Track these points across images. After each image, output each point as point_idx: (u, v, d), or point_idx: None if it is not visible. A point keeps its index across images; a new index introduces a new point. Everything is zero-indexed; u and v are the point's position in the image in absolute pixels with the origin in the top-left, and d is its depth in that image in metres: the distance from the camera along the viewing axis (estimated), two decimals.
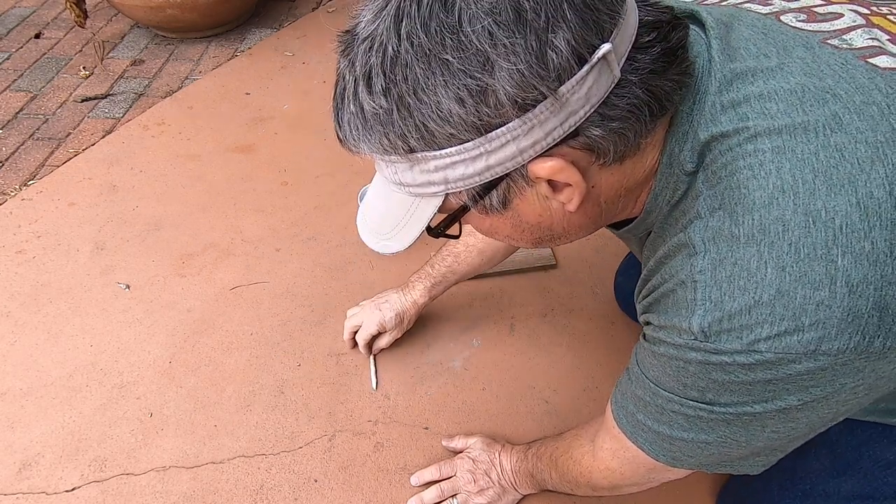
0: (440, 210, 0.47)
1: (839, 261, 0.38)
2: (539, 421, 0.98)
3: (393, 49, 0.37)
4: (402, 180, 0.45)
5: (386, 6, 0.38)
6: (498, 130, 0.39)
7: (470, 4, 0.36)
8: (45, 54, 1.90)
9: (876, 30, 0.47)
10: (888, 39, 0.46)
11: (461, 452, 0.90)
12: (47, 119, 1.64)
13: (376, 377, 1.03)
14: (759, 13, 0.50)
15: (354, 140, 0.43)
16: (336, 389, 1.03)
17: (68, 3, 1.73)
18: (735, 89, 0.43)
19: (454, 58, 0.36)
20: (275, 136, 1.57)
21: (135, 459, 0.93)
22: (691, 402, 0.48)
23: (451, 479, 0.87)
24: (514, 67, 0.36)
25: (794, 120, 0.41)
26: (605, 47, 0.37)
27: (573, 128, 0.40)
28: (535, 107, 0.38)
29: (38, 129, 1.60)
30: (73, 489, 0.90)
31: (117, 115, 1.65)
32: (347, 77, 0.41)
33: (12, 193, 1.40)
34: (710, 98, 0.44)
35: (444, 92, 0.37)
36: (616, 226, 0.57)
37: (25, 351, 1.08)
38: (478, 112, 0.38)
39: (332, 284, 1.20)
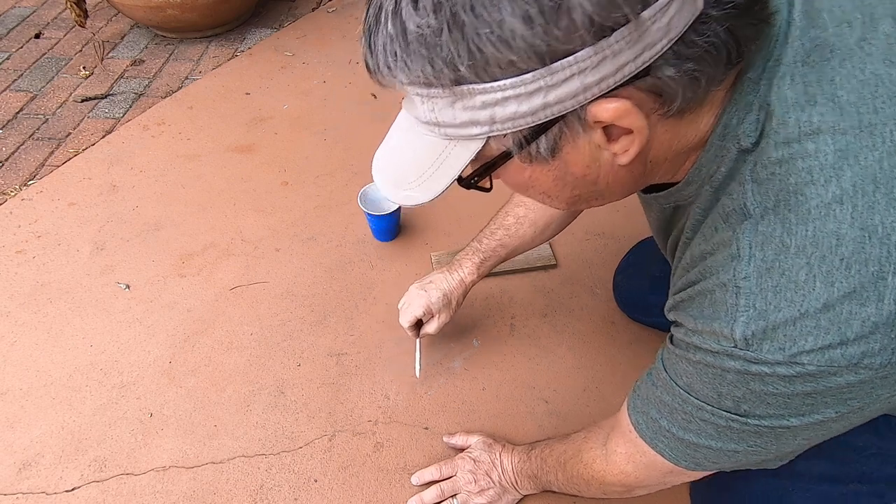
0: (478, 158, 0.42)
1: (890, 278, 0.37)
2: (539, 421, 0.98)
3: None
4: (440, 119, 0.39)
5: None
6: (564, 60, 0.34)
7: None
8: (45, 54, 1.90)
9: None
10: None
11: (462, 451, 0.90)
12: (47, 119, 1.64)
13: (420, 363, 1.02)
14: None
15: (390, 69, 0.37)
16: (336, 389, 1.03)
17: (69, 3, 1.73)
18: (809, 65, 0.40)
19: None
20: (275, 136, 1.57)
21: (135, 459, 0.93)
22: (724, 413, 0.46)
23: (452, 478, 0.87)
24: None
25: (863, 120, 0.38)
26: None
27: (646, 64, 0.36)
28: (612, 33, 0.33)
29: (38, 129, 1.60)
30: (73, 489, 0.90)
31: (117, 115, 1.65)
32: None
33: (12, 193, 1.40)
34: (782, 69, 0.40)
35: (509, 7, 0.32)
36: (647, 190, 0.54)
37: (25, 351, 1.08)
38: (546, 35, 0.33)
39: (332, 284, 1.20)
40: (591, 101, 0.37)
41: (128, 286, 1.19)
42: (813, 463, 0.67)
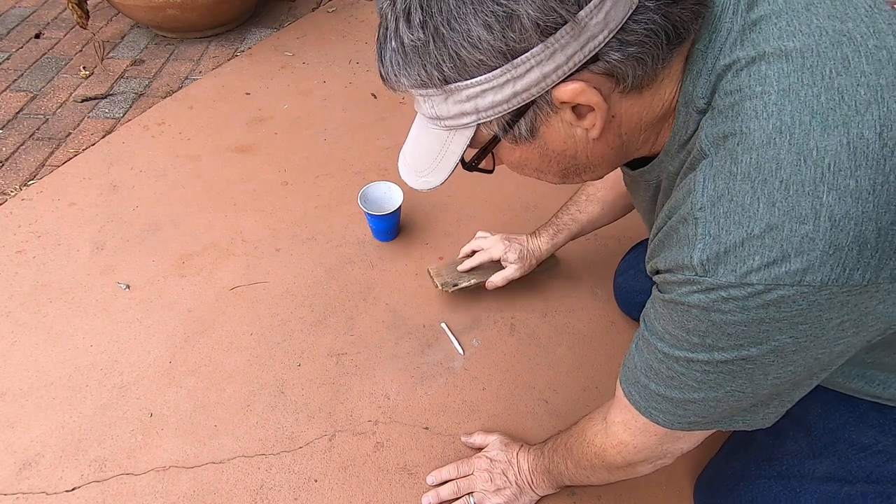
0: (473, 144, 0.51)
1: (824, 197, 0.40)
2: (539, 421, 0.98)
3: None
4: (438, 113, 0.49)
5: None
6: (523, 56, 0.43)
7: None
8: (45, 54, 1.90)
9: None
10: None
11: (479, 451, 0.90)
12: (47, 119, 1.64)
13: (458, 342, 1.08)
14: None
15: (396, 76, 0.47)
16: (336, 389, 1.03)
17: (70, 4, 1.73)
18: (757, 30, 0.45)
19: None
20: (275, 136, 1.57)
21: (135, 459, 0.93)
22: (695, 356, 0.49)
23: (468, 477, 0.87)
24: None
25: (806, 62, 0.42)
26: None
27: (593, 52, 0.43)
28: (556, 31, 0.41)
29: (38, 129, 1.60)
30: (73, 489, 0.90)
31: (117, 115, 1.65)
32: (389, 16, 0.45)
33: (12, 193, 1.40)
34: (731, 36, 0.45)
35: (473, 19, 0.41)
36: (633, 167, 0.60)
37: (25, 351, 1.08)
38: (504, 38, 0.42)
39: (332, 284, 1.20)
40: (553, 85, 0.45)
41: (128, 286, 1.19)
42: (818, 462, 0.69)
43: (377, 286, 1.19)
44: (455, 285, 1.08)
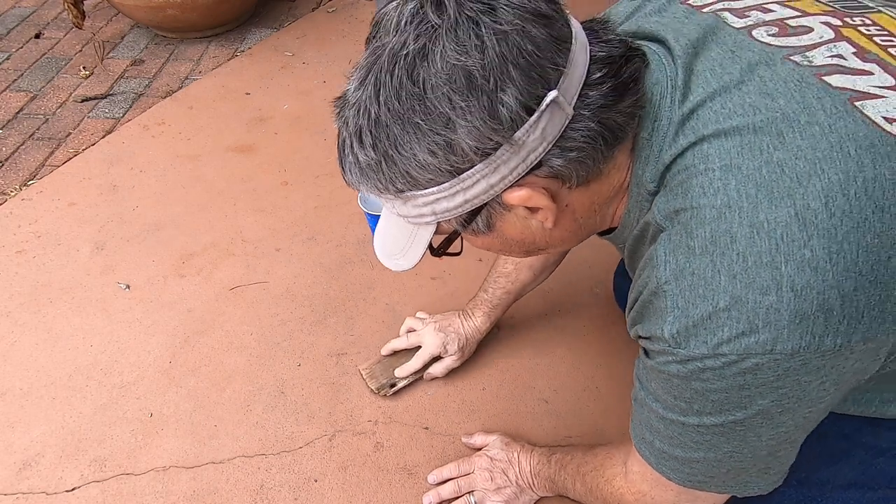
0: (438, 232, 0.54)
1: (783, 268, 0.41)
2: (539, 421, 0.98)
3: (375, 113, 0.44)
4: (400, 213, 0.52)
5: (367, 77, 0.45)
6: (468, 172, 0.46)
7: (430, 75, 0.42)
8: (45, 54, 1.90)
9: (843, 43, 0.50)
10: (854, 53, 0.49)
11: (480, 450, 0.90)
12: (47, 119, 1.64)
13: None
14: (733, 27, 0.53)
15: (356, 182, 0.50)
16: (336, 389, 1.03)
17: (66, 4, 1.73)
18: (696, 115, 0.48)
19: (422, 120, 0.43)
20: (275, 136, 1.57)
21: (135, 459, 0.93)
22: (685, 419, 0.51)
23: (469, 476, 0.87)
24: (471, 125, 0.42)
25: (744, 140, 0.45)
26: (552, 95, 0.43)
27: (535, 162, 0.46)
28: (495, 151, 0.44)
29: (38, 129, 1.60)
30: (73, 489, 0.90)
31: (117, 115, 1.65)
32: (343, 133, 0.48)
33: (12, 193, 1.40)
34: (672, 128, 0.48)
35: (418, 147, 0.44)
36: (604, 232, 0.63)
37: (25, 351, 1.08)
38: (448, 160, 0.45)
39: (332, 284, 1.20)
40: (502, 191, 0.47)
41: (128, 286, 1.19)
42: (838, 469, 0.68)
43: (377, 286, 1.19)
44: (392, 386, 0.99)
